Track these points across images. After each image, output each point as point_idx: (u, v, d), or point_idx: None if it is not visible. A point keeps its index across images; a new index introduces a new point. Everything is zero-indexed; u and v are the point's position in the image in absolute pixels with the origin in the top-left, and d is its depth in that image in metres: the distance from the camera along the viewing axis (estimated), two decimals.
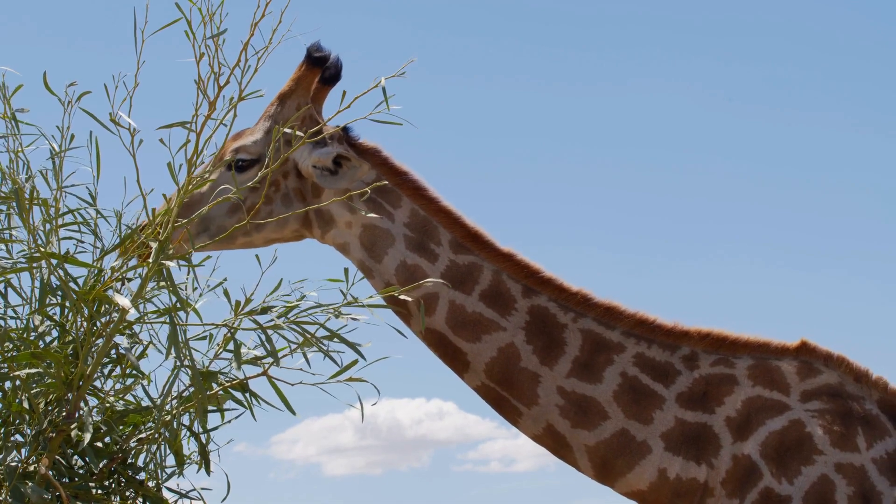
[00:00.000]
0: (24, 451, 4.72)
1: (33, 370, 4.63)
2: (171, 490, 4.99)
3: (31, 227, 4.79)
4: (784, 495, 5.39)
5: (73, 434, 4.70)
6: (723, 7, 22.62)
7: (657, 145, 22.01)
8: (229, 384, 4.85)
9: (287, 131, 5.34)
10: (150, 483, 4.93)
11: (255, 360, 4.81)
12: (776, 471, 5.41)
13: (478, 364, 5.60)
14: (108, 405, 4.87)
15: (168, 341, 4.53)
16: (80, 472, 4.83)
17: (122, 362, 4.89)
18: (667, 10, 22.39)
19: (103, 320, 4.74)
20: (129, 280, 4.80)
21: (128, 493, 4.91)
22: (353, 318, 4.79)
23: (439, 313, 5.58)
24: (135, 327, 4.83)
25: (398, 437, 24.38)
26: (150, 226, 4.75)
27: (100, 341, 4.72)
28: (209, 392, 4.79)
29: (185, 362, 4.61)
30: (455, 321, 5.59)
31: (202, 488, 5.02)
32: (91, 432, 4.57)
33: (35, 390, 4.71)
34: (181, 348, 4.54)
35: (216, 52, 4.69)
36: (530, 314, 5.62)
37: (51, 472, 4.61)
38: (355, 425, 24.49)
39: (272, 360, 4.75)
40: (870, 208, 21.63)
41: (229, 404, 4.92)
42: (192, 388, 4.83)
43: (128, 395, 4.97)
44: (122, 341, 4.80)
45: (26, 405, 4.71)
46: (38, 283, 4.79)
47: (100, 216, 5.02)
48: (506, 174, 21.17)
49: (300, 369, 4.79)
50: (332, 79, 5.82)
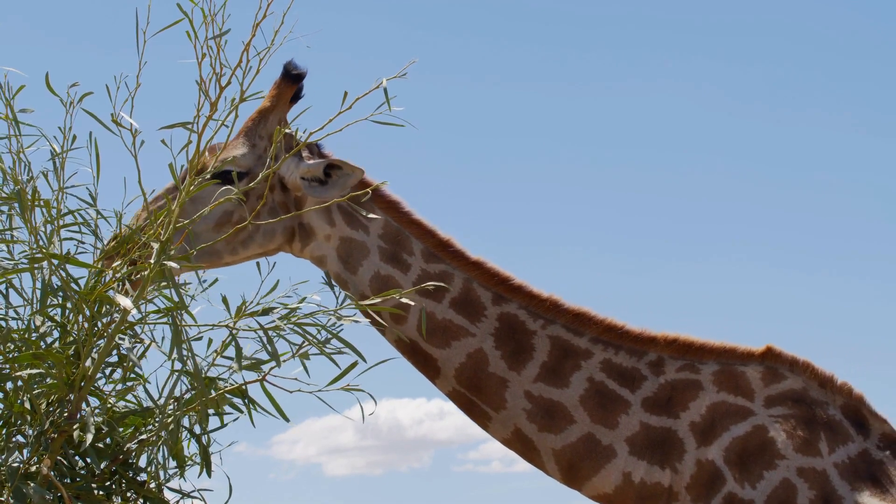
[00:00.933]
0: (25, 451, 4.72)
1: (35, 371, 4.64)
2: (172, 490, 4.99)
3: (33, 228, 4.79)
4: (747, 500, 5.48)
5: (75, 435, 4.70)
6: (723, 7, 22.63)
7: (657, 146, 22.02)
8: (227, 389, 4.86)
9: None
10: (152, 484, 4.93)
11: (257, 364, 4.82)
12: (739, 476, 5.50)
13: (448, 369, 5.69)
14: (109, 406, 4.87)
15: (171, 342, 4.53)
16: (82, 472, 4.83)
17: (125, 362, 4.89)
18: (666, 11, 22.40)
19: (104, 321, 4.74)
20: (131, 281, 4.80)
21: (129, 494, 4.91)
22: (354, 320, 4.80)
23: (411, 321, 5.65)
24: (136, 328, 4.83)
25: (399, 437, 24.40)
26: (129, 234, 4.79)
27: (101, 342, 4.72)
28: (209, 396, 4.79)
29: (187, 364, 4.62)
30: (425, 328, 5.64)
31: (203, 489, 5.02)
32: (93, 433, 4.58)
33: (37, 391, 4.71)
34: (183, 348, 4.54)
35: (218, 52, 4.69)
36: (500, 321, 5.72)
37: (52, 473, 4.60)
38: (356, 426, 24.56)
39: (274, 362, 4.75)
40: (870, 209, 21.64)
41: (228, 408, 4.93)
42: (192, 391, 4.83)
43: (129, 396, 4.97)
44: (123, 342, 4.79)
45: (28, 406, 4.71)
46: (39, 284, 4.79)
47: (100, 217, 5.02)
48: (506, 175, 21.19)
49: (296, 379, 4.81)
50: (297, 98, 5.90)
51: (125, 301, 4.54)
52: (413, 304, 5.59)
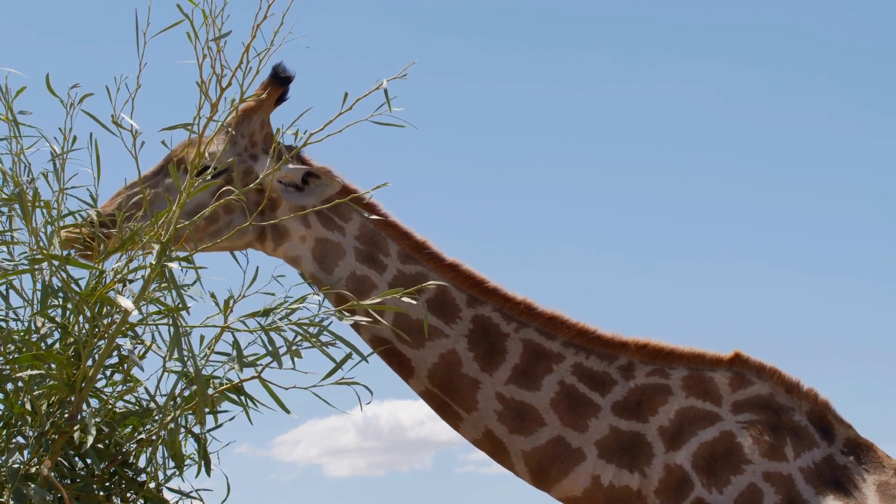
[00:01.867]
0: (26, 452, 4.72)
1: (35, 372, 4.64)
2: (172, 490, 4.99)
3: (33, 229, 4.79)
4: None
5: (76, 436, 4.70)
6: (723, 7, 22.64)
7: (657, 146, 22.02)
8: (224, 387, 4.86)
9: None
10: (151, 484, 4.93)
11: (254, 362, 4.82)
12: (707, 481, 5.55)
13: (421, 370, 5.73)
14: (109, 407, 4.87)
15: (171, 343, 4.54)
16: (82, 473, 4.83)
17: (126, 363, 4.89)
18: (666, 11, 22.40)
19: (105, 322, 4.74)
20: (132, 281, 4.80)
21: (129, 495, 4.91)
22: (358, 320, 4.80)
23: (386, 320, 5.66)
24: (136, 328, 4.83)
25: (400, 438, 24.40)
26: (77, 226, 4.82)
27: (102, 343, 4.72)
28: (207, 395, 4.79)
29: (187, 364, 4.62)
30: (400, 328, 5.68)
31: (203, 489, 5.02)
32: (94, 434, 4.58)
33: (37, 392, 4.71)
34: (184, 349, 4.54)
35: (219, 53, 4.69)
36: (474, 323, 5.76)
37: (53, 474, 4.61)
38: (357, 426, 24.52)
39: (275, 362, 4.75)
40: (870, 209, 21.65)
41: (228, 406, 4.93)
42: (188, 391, 4.83)
43: (128, 396, 4.97)
44: (124, 343, 4.79)
45: (28, 407, 4.71)
46: (39, 285, 4.79)
47: (101, 218, 5.02)
48: (506, 175, 21.18)
49: (293, 369, 4.81)
50: (282, 100, 5.91)
51: (126, 302, 4.54)
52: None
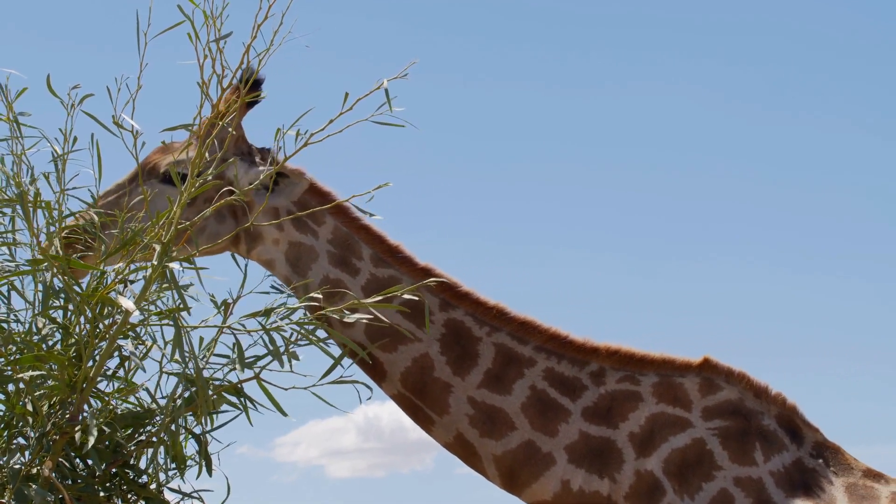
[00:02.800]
0: (27, 453, 4.72)
1: (37, 373, 4.64)
2: (172, 491, 5.00)
3: (35, 230, 4.80)
4: None
5: (77, 436, 4.70)
6: (723, 7, 22.64)
7: (657, 146, 22.02)
8: (223, 388, 4.86)
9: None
10: (152, 485, 4.93)
11: (253, 363, 4.83)
12: (679, 487, 5.59)
13: (394, 373, 5.74)
14: (111, 408, 4.88)
15: (173, 344, 4.54)
16: (83, 474, 4.83)
17: (127, 363, 4.90)
18: (666, 12, 22.41)
19: (106, 322, 4.74)
20: (133, 282, 4.80)
21: (130, 496, 4.91)
22: (363, 320, 4.80)
23: (358, 325, 5.69)
24: (137, 329, 4.83)
25: (401, 439, 24.37)
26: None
27: (103, 343, 4.72)
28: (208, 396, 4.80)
29: (188, 365, 4.62)
30: (373, 331, 5.70)
31: (204, 490, 5.02)
32: (95, 435, 4.58)
33: (38, 393, 4.71)
34: (185, 351, 4.54)
35: (220, 54, 4.69)
36: (446, 327, 5.77)
37: (54, 475, 4.61)
38: (358, 428, 24.50)
39: (276, 361, 4.76)
40: (870, 210, 21.66)
41: (229, 407, 4.93)
42: (188, 392, 4.84)
43: (129, 397, 4.98)
44: (125, 344, 4.80)
45: (30, 408, 4.71)
46: (41, 286, 4.79)
47: (102, 219, 5.02)
48: (506, 175, 21.18)
49: (290, 370, 4.82)
50: (254, 103, 5.90)
51: (127, 303, 4.54)
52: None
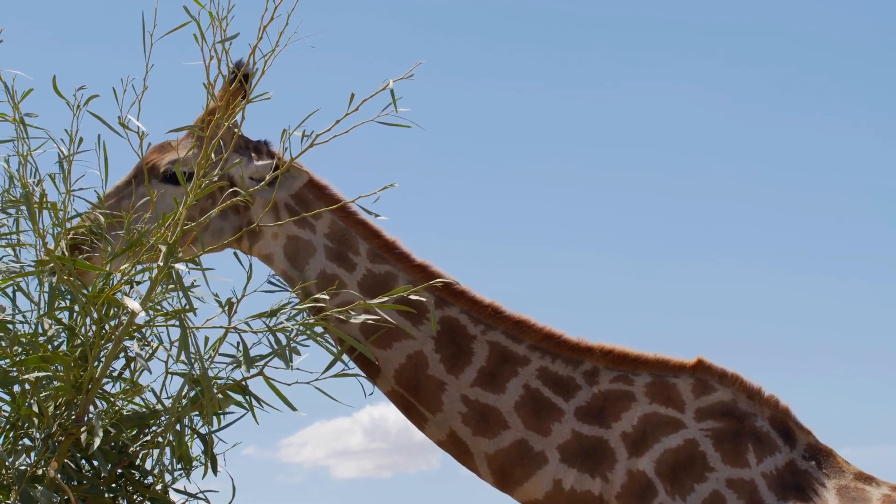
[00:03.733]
0: (33, 454, 4.72)
1: (42, 374, 4.64)
2: (178, 492, 4.99)
3: (41, 231, 4.80)
4: None
5: (82, 437, 4.70)
6: (724, 8, 22.65)
7: (658, 146, 22.02)
8: (228, 386, 4.87)
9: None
10: (158, 486, 4.93)
11: (255, 360, 4.83)
12: (671, 488, 5.59)
13: (388, 370, 5.74)
14: (117, 409, 4.88)
15: (179, 346, 4.54)
16: (89, 475, 4.83)
17: (132, 364, 4.90)
18: (667, 12, 22.41)
19: (112, 323, 4.74)
20: (138, 283, 4.80)
21: (135, 497, 4.91)
22: (369, 321, 4.81)
23: (354, 320, 5.68)
24: (143, 330, 4.83)
25: (407, 439, 24.34)
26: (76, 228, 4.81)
27: (109, 345, 4.72)
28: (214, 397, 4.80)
29: (194, 366, 4.62)
30: (368, 328, 5.69)
31: (209, 490, 5.03)
32: (100, 436, 4.58)
33: (44, 394, 4.71)
34: (191, 350, 4.54)
35: (225, 55, 4.69)
36: (441, 324, 5.77)
37: (59, 476, 4.61)
38: (364, 428, 24.50)
39: (282, 362, 4.76)
40: (870, 210, 21.67)
41: (234, 407, 4.93)
42: (193, 392, 4.83)
43: (134, 398, 4.98)
44: (131, 344, 4.80)
45: (35, 409, 4.71)
46: (47, 287, 4.79)
47: (108, 220, 5.02)
48: (509, 175, 21.19)
49: (294, 368, 4.83)
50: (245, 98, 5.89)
51: (133, 304, 4.54)
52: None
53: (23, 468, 4.62)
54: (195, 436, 4.94)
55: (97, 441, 4.55)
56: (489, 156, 21.52)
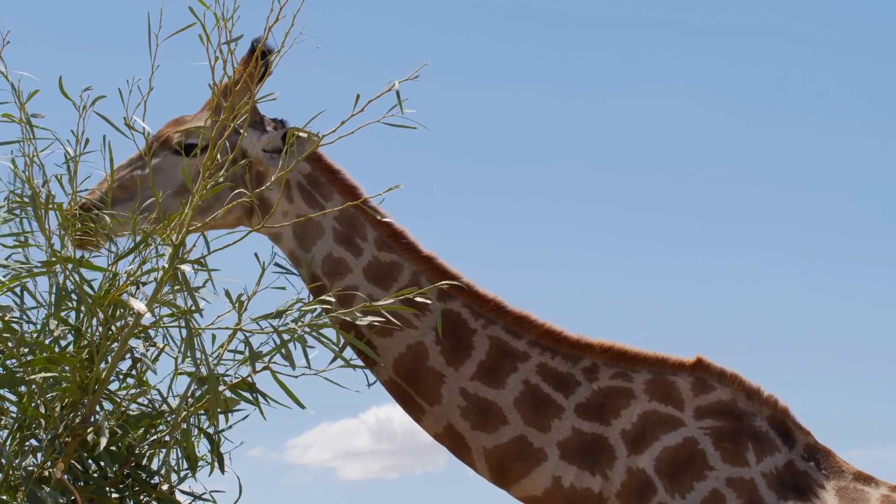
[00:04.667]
0: (39, 455, 4.72)
1: (49, 374, 4.64)
2: (184, 493, 5.00)
3: (47, 232, 4.80)
4: None
5: (89, 438, 4.70)
6: (724, 8, 22.65)
7: (657, 147, 22.02)
8: (235, 383, 4.87)
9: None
10: (164, 486, 4.94)
11: (266, 354, 4.84)
12: (670, 486, 5.58)
13: (387, 359, 5.73)
14: (123, 409, 4.88)
15: (184, 345, 4.54)
16: (95, 475, 4.83)
17: (139, 365, 4.90)
18: (666, 12, 22.41)
19: (118, 324, 4.74)
20: (145, 284, 4.80)
21: (142, 497, 4.92)
22: (375, 321, 4.81)
23: (360, 322, 5.68)
24: (149, 331, 4.84)
25: (414, 441, 24.31)
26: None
27: (115, 345, 4.72)
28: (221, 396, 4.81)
29: (200, 366, 4.62)
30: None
31: (216, 491, 5.03)
32: (107, 436, 4.58)
33: (50, 394, 4.71)
34: (197, 352, 4.55)
35: (230, 56, 4.70)
36: (442, 316, 5.75)
37: (66, 477, 4.61)
38: (371, 429, 24.47)
39: (289, 364, 4.77)
40: (870, 210, 21.67)
41: (241, 405, 4.95)
42: (200, 391, 4.84)
43: (140, 398, 4.98)
44: (137, 345, 4.80)
45: (42, 409, 4.71)
46: (53, 288, 4.79)
47: (114, 220, 5.03)
48: (513, 176, 21.19)
49: (302, 366, 4.84)
50: (263, 76, 5.87)
51: (139, 305, 4.54)
52: (359, 289, 5.61)
53: (30, 469, 4.63)
54: (202, 435, 4.95)
55: (104, 441, 4.56)
56: (490, 156, 21.53)
